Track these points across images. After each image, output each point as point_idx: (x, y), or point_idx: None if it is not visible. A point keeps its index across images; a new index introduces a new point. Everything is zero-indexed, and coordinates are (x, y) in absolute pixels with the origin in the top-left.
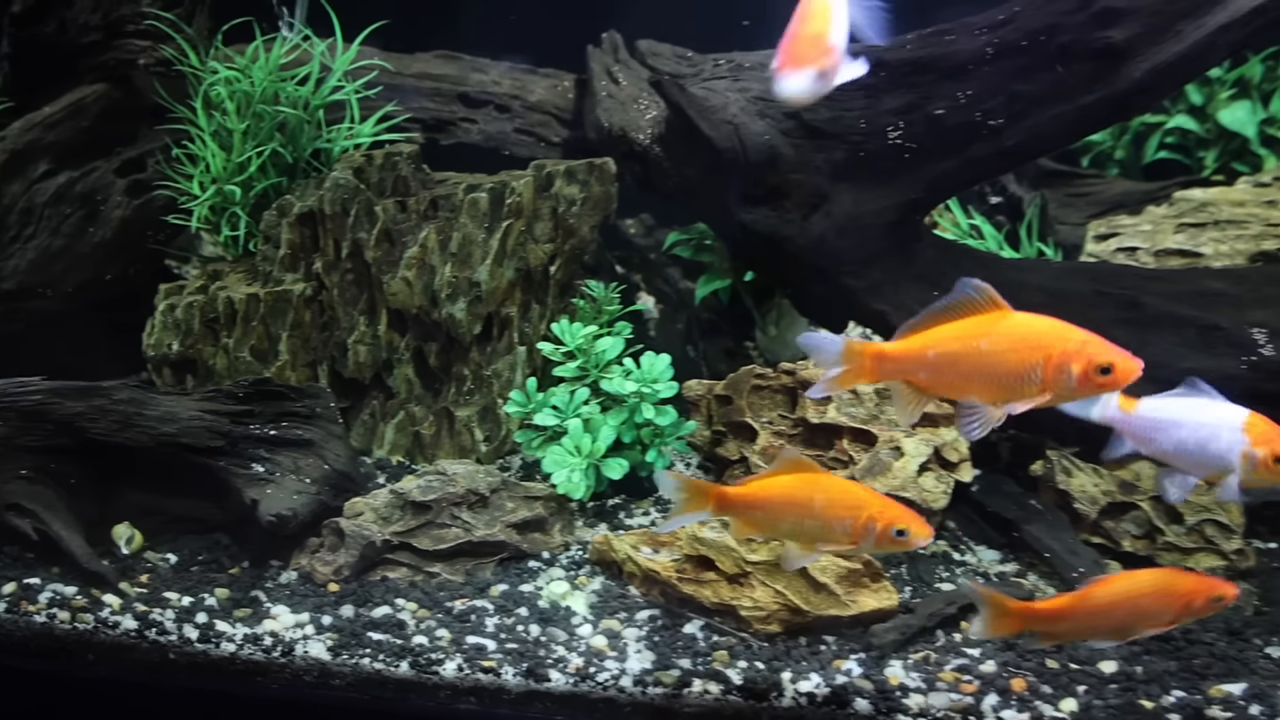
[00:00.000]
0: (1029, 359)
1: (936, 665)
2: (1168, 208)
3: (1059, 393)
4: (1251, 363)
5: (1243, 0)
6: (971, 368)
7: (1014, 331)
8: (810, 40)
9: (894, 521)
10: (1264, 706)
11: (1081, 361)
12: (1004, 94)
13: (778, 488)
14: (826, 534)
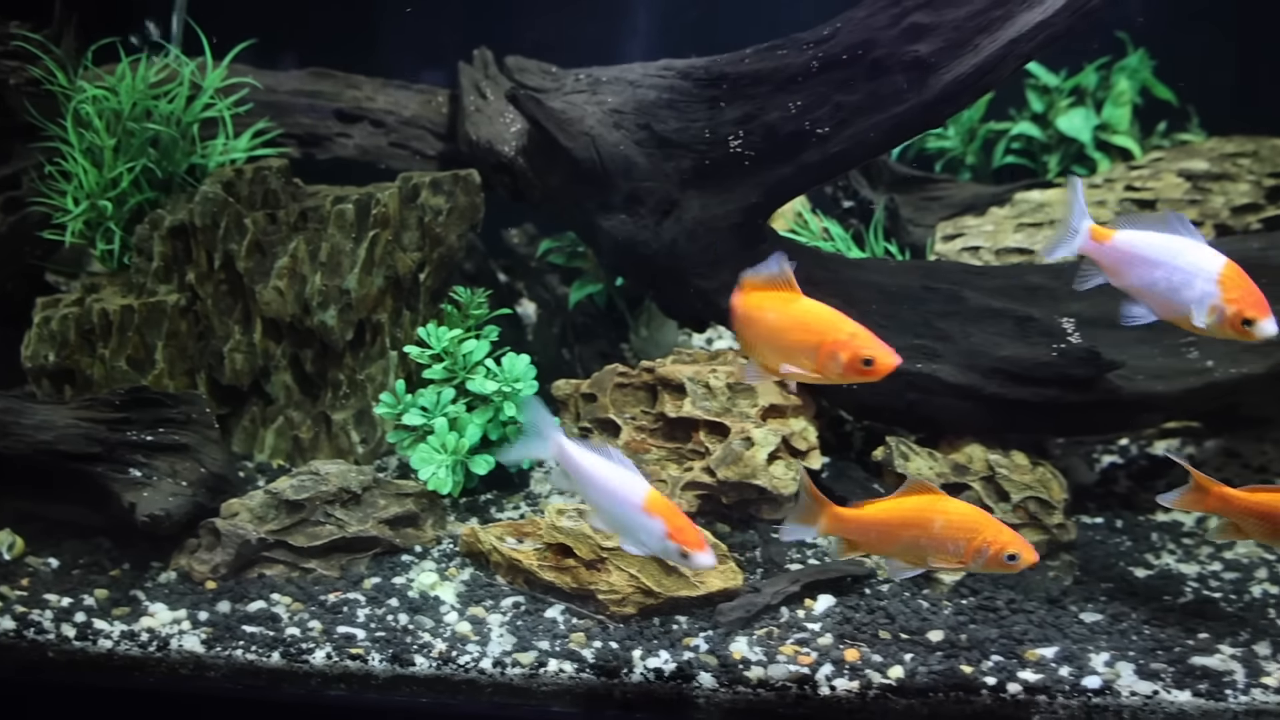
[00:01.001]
0: (805, 340)
1: (779, 640)
2: (1009, 209)
3: (826, 374)
4: (1060, 349)
5: (1029, 16)
6: (761, 333)
7: (797, 314)
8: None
9: (1006, 546)
10: (1072, 666)
11: (848, 352)
12: (829, 104)
13: (895, 510)
14: (939, 554)
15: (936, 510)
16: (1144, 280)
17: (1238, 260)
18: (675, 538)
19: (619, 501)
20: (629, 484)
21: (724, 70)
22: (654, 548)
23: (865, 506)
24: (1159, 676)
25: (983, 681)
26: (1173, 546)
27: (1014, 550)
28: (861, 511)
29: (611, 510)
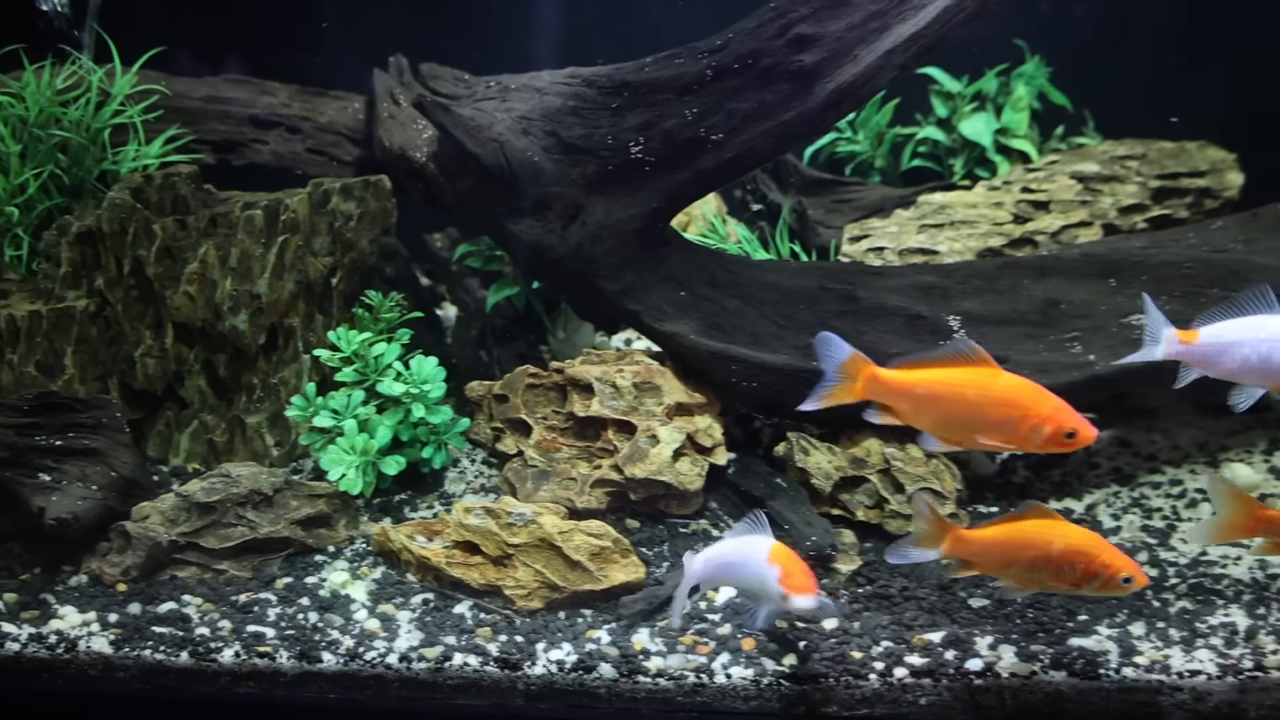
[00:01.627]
0: (1009, 415)
1: (679, 629)
2: (913, 211)
3: (1026, 446)
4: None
5: (903, 28)
6: (953, 411)
7: (1000, 390)
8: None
9: (1121, 570)
10: (958, 650)
11: (1053, 425)
12: (723, 111)
13: (1014, 533)
14: (1056, 576)
15: (1055, 533)
16: (1236, 361)
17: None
18: (784, 582)
19: (740, 562)
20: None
21: (626, 78)
22: (768, 598)
23: (985, 529)
24: (1038, 658)
25: (872, 666)
26: None
27: (1128, 574)
28: (983, 534)
29: (734, 579)
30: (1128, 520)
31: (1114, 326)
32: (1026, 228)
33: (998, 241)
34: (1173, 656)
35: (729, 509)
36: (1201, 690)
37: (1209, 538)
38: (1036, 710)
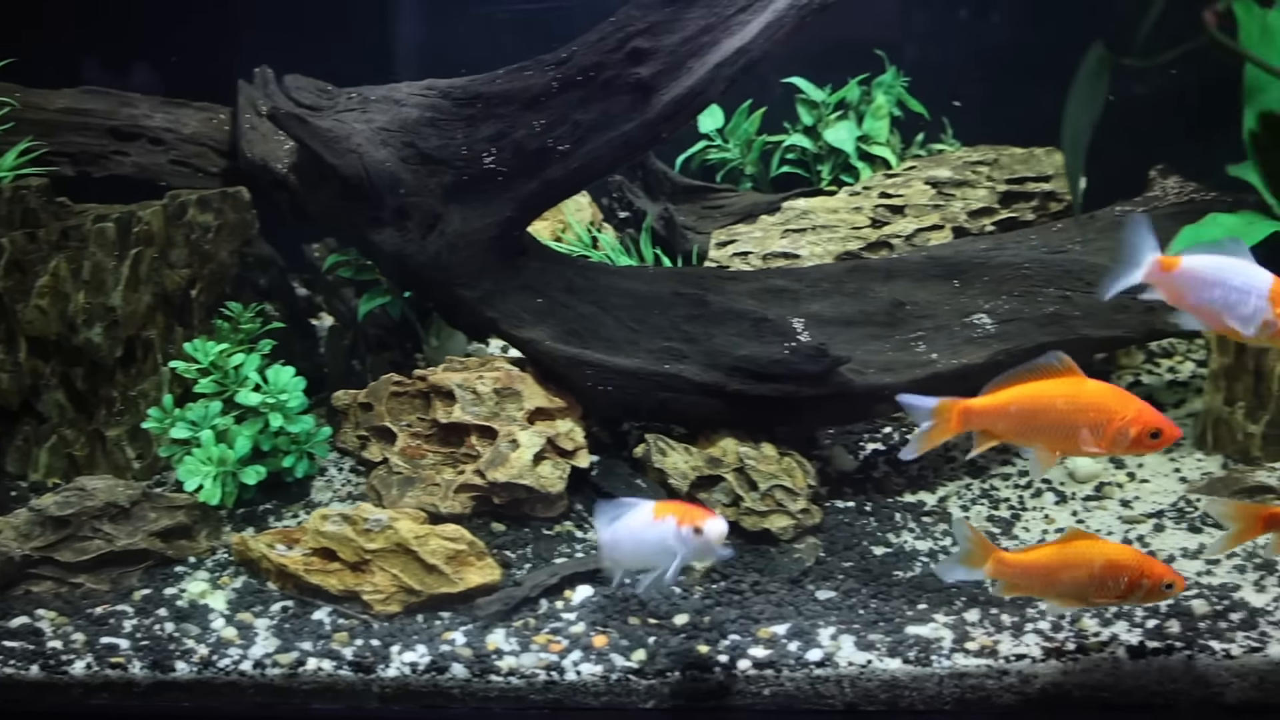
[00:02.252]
0: (1097, 420)
1: (534, 630)
2: (778, 216)
3: (1115, 449)
4: (791, 347)
5: (730, 41)
6: (1047, 423)
7: (1087, 396)
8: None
9: (1162, 578)
10: (800, 641)
11: (1138, 426)
12: (569, 123)
13: (1058, 555)
14: (1101, 591)
15: (1096, 551)
16: (1203, 300)
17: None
18: (684, 522)
19: (633, 531)
20: (634, 511)
21: (478, 90)
22: (676, 549)
23: (1029, 552)
24: (875, 647)
25: (716, 660)
26: (913, 526)
27: (1169, 580)
28: (1025, 557)
29: (635, 547)
30: (975, 511)
31: (957, 325)
32: (883, 231)
33: (856, 245)
34: (1002, 642)
35: (593, 510)
36: (1027, 673)
37: (1226, 550)
38: (874, 697)
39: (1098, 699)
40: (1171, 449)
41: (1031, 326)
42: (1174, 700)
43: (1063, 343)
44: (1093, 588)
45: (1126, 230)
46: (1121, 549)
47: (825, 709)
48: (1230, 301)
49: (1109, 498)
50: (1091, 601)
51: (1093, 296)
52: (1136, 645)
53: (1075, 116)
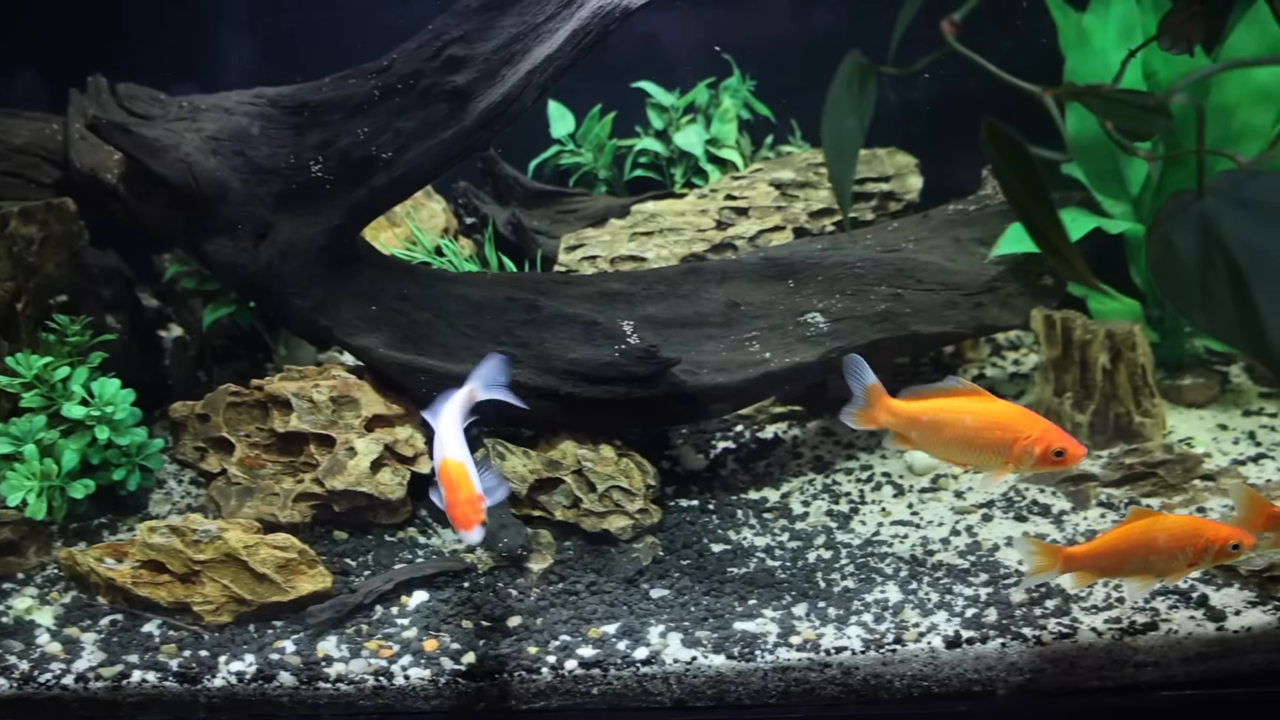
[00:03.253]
0: (1002, 438)
1: (366, 636)
2: (627, 220)
3: (1020, 465)
4: (622, 350)
5: (540, 49)
6: (953, 437)
7: (994, 416)
8: (469, 503)
9: (1228, 538)
10: (629, 640)
11: (1042, 445)
12: (391, 130)
13: (1121, 537)
14: (1173, 565)
15: (1158, 528)
16: None
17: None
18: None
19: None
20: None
21: (305, 99)
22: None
23: (1096, 542)
24: (701, 643)
25: (545, 660)
26: (754, 522)
27: (1235, 541)
28: (1092, 547)
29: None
30: (816, 505)
31: (790, 325)
32: (727, 233)
33: (701, 247)
34: (826, 635)
35: (438, 516)
36: (849, 665)
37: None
38: (700, 693)
39: (918, 688)
40: None
41: (864, 324)
42: (991, 687)
43: (894, 339)
44: (1161, 563)
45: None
46: (1182, 520)
47: (654, 706)
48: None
49: (944, 489)
50: (1166, 576)
51: (923, 293)
52: (952, 635)
53: (834, 123)
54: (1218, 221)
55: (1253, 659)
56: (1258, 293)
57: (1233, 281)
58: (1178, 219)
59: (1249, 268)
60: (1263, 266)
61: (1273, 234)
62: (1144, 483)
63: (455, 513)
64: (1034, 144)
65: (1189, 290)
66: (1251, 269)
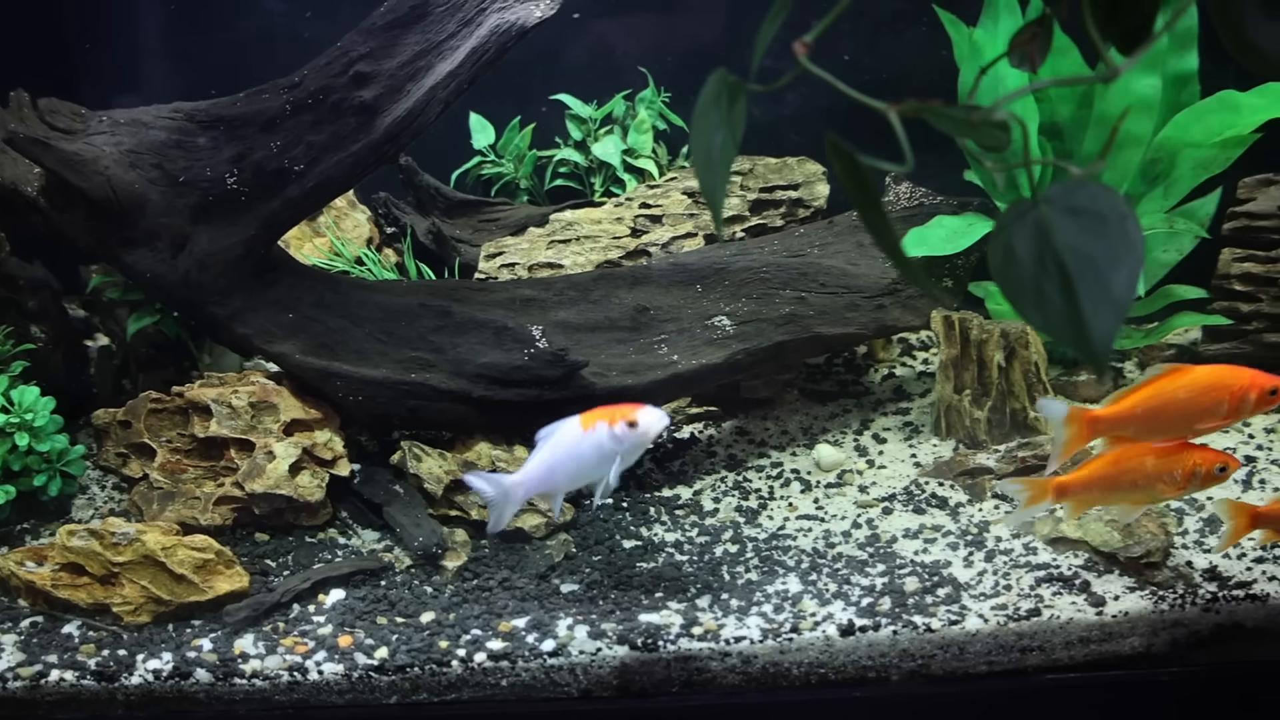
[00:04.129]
0: (1218, 398)
1: (283, 633)
2: (546, 228)
3: (1240, 416)
4: (531, 353)
5: (443, 65)
6: (1175, 415)
7: (1203, 380)
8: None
9: (1214, 461)
10: (538, 633)
11: (1256, 390)
12: (302, 144)
13: (1109, 463)
14: (1160, 490)
15: (1145, 450)
16: None
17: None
18: (615, 421)
19: (568, 449)
20: (564, 430)
21: (221, 113)
22: (615, 447)
23: (1080, 470)
24: (606, 635)
25: (455, 654)
26: (665, 519)
27: (1221, 464)
28: (1080, 474)
29: (575, 464)
30: (726, 502)
31: (698, 328)
32: (641, 240)
33: (616, 254)
34: (727, 625)
35: (358, 517)
36: (748, 654)
37: (1223, 547)
38: (606, 683)
39: (815, 675)
40: (910, 436)
41: (769, 326)
42: (885, 674)
43: (798, 341)
44: (1152, 485)
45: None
46: (1169, 446)
47: (561, 696)
48: None
49: (849, 484)
50: (1157, 498)
51: (827, 296)
52: (845, 624)
53: (702, 138)
54: (1051, 227)
55: (1132, 642)
56: (1081, 293)
57: (1062, 283)
58: (1017, 225)
59: (1075, 271)
60: (1087, 269)
61: (1096, 239)
62: (1035, 475)
63: (631, 413)
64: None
65: (1026, 292)
66: (1077, 271)
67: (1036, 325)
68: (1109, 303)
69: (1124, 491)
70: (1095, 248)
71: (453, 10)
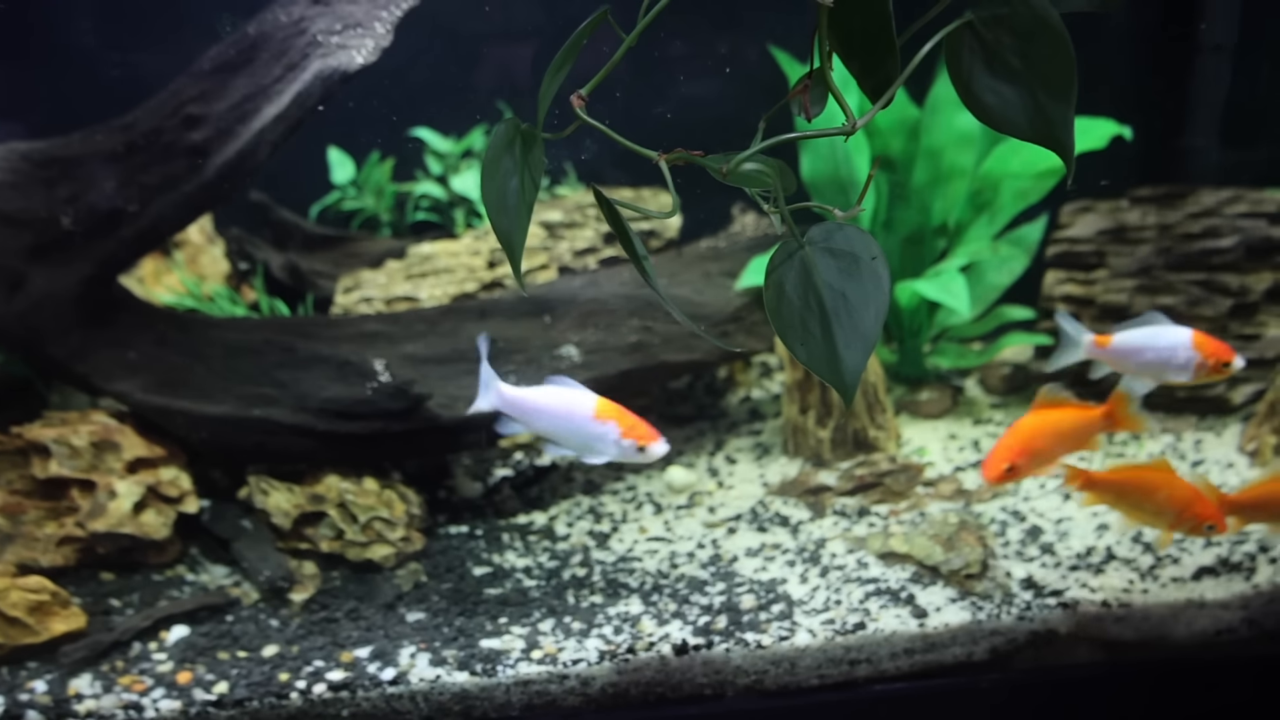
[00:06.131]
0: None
1: (121, 672)
2: (403, 261)
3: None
4: (374, 387)
5: (270, 109)
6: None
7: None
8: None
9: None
10: (380, 662)
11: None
12: (135, 185)
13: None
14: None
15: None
16: (1141, 361)
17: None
18: (628, 435)
19: (571, 419)
20: (577, 400)
21: (55, 153)
22: (612, 452)
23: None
24: (447, 662)
25: (295, 686)
26: (518, 545)
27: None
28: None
29: (568, 430)
30: (579, 526)
31: (546, 358)
32: (496, 272)
33: (472, 286)
34: (567, 648)
35: (208, 553)
36: (585, 676)
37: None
38: (448, 709)
39: (653, 694)
40: (761, 456)
41: (615, 355)
42: (721, 690)
43: (644, 369)
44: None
45: (1062, 321)
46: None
47: None
48: (1163, 359)
49: (699, 505)
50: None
51: (672, 325)
52: (679, 643)
53: (494, 183)
54: (814, 267)
55: (954, 651)
56: (836, 329)
57: (822, 320)
58: (786, 265)
59: (832, 308)
60: (841, 306)
61: (851, 280)
62: (873, 491)
63: (641, 430)
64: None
65: (794, 328)
66: (833, 309)
67: (801, 359)
68: (859, 339)
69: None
70: (850, 287)
71: (278, 55)
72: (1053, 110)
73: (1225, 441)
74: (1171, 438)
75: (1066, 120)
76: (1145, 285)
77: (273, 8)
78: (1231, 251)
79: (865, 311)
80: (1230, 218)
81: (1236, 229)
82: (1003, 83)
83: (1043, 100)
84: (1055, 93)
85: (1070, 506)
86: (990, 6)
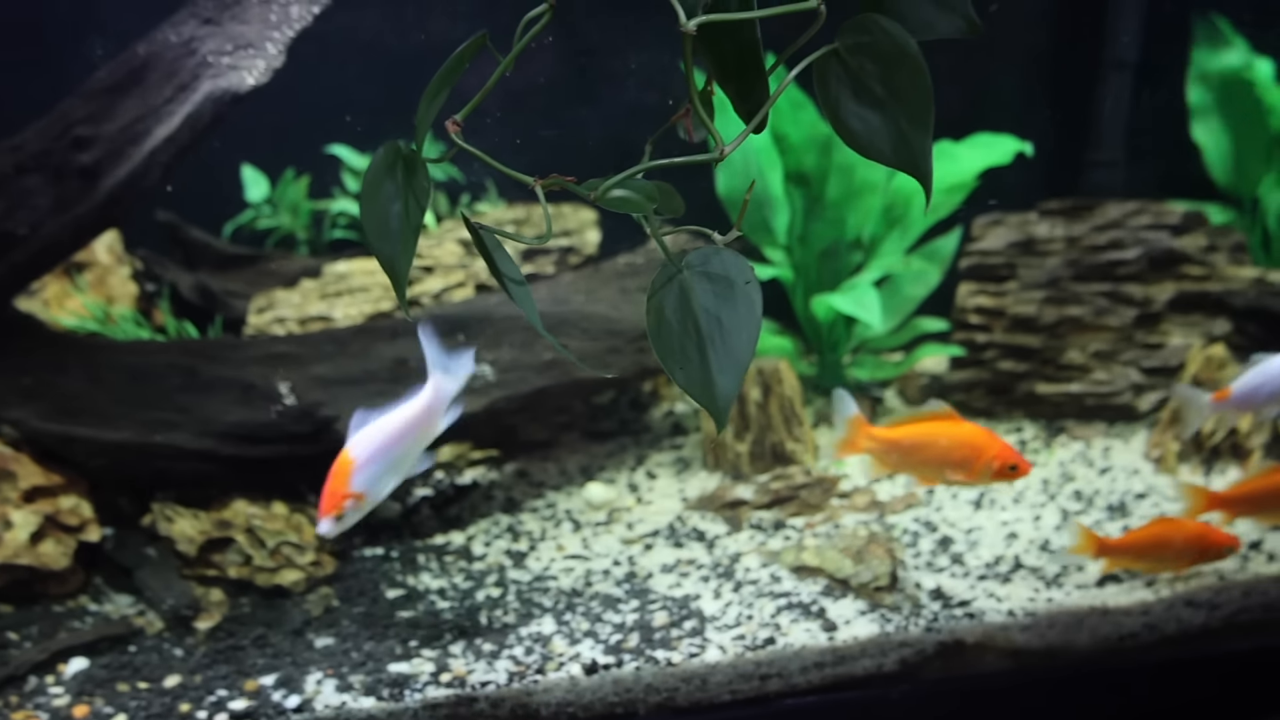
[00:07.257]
0: (968, 455)
1: (15, 707)
2: (319, 280)
3: (978, 480)
4: (279, 410)
5: (161, 130)
6: (928, 457)
7: (962, 435)
8: (330, 494)
9: (1007, 460)
10: (285, 690)
11: (999, 460)
12: (26, 207)
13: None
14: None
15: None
16: (1266, 396)
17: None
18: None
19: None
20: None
21: None
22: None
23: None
24: (353, 687)
25: (196, 717)
26: (434, 566)
27: (1014, 462)
28: (889, 431)
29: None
30: (496, 545)
31: None
32: (413, 290)
33: (388, 305)
34: (477, 670)
35: (114, 582)
36: (495, 697)
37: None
38: None
39: (564, 714)
40: (682, 470)
41: (530, 373)
42: (633, 708)
43: (559, 386)
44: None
45: (1180, 393)
46: (971, 428)
47: None
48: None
49: (618, 522)
50: (949, 476)
51: (588, 342)
52: (589, 663)
53: (374, 208)
54: (691, 291)
55: (864, 663)
56: (711, 353)
57: (699, 343)
58: (666, 289)
59: (708, 333)
60: (716, 330)
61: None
62: (789, 504)
63: (321, 500)
64: None
65: (674, 352)
66: (708, 333)
67: (680, 383)
68: (733, 363)
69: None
70: (724, 311)
71: (168, 76)
72: (913, 137)
73: (1133, 448)
74: (1082, 444)
75: (925, 148)
76: (1054, 296)
77: (163, 27)
78: (1135, 263)
79: (739, 336)
80: (1134, 229)
81: (1140, 240)
82: (868, 109)
83: (904, 127)
84: (915, 120)
85: (981, 516)
86: (854, 34)
